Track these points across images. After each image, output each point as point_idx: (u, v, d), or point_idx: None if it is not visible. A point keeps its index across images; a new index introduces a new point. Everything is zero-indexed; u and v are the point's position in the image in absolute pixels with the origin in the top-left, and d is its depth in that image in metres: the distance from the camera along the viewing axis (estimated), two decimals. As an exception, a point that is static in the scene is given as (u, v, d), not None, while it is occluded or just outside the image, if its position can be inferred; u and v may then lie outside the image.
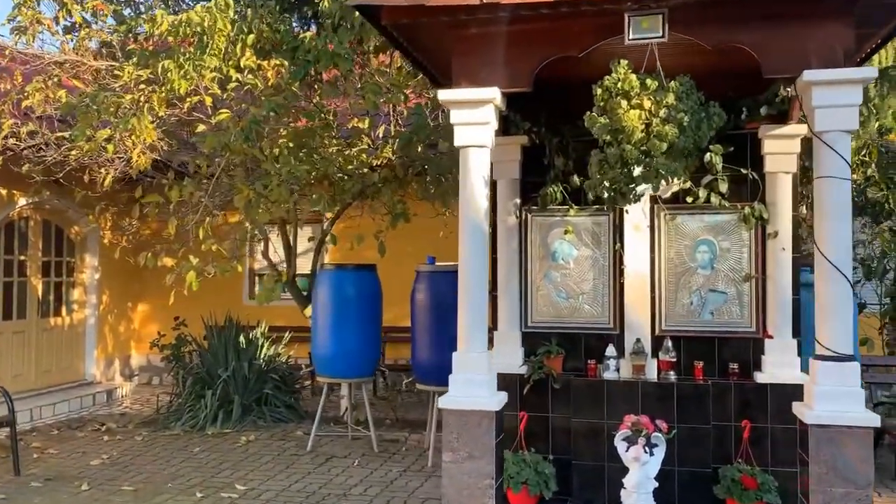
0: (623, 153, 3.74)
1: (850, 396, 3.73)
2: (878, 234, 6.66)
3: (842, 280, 3.78)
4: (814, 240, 3.91)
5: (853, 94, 3.72)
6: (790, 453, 5.12)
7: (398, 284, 7.77)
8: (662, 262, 5.46)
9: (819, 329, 3.88)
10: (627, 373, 5.33)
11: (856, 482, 3.69)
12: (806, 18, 3.76)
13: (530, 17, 3.96)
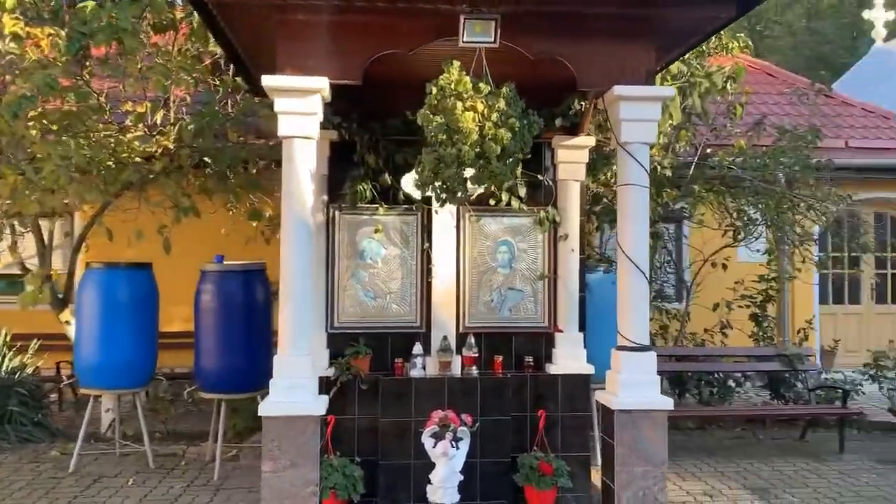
0: (460, 154, 3.80)
1: (649, 383, 4.15)
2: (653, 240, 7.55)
3: (640, 276, 4.19)
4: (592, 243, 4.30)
5: (653, 110, 4.16)
6: (579, 439, 5.59)
7: (181, 285, 7.18)
8: (467, 261, 5.66)
9: (621, 322, 4.26)
10: (434, 370, 5.43)
11: (653, 461, 4.10)
12: (616, 38, 4.12)
13: (365, 8, 3.89)
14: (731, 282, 8.79)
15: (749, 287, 8.87)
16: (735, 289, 8.82)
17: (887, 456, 7.12)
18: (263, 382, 6.92)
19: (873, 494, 5.94)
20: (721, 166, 7.80)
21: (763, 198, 7.98)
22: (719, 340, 8.65)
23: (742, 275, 8.91)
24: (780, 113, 10.78)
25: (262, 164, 6.95)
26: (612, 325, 4.72)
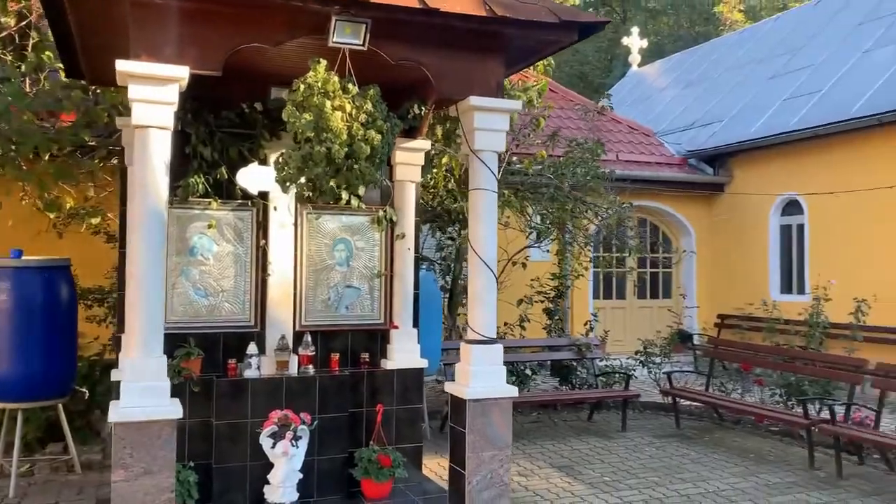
0: (329, 153, 3.82)
1: (497, 373, 4.47)
2: (463, 237, 7.94)
3: (489, 274, 4.50)
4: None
5: (504, 121, 4.48)
6: (412, 430, 5.81)
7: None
8: (304, 259, 5.62)
9: (471, 317, 4.54)
10: (271, 370, 5.34)
11: (500, 445, 4.43)
12: (472, 52, 4.38)
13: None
14: (528, 279, 9.54)
15: (544, 284, 9.69)
16: (532, 285, 9.59)
17: (661, 431, 8.19)
18: (66, 389, 6.40)
19: (657, 465, 6.82)
20: (524, 173, 8.44)
21: (557, 203, 8.77)
22: (518, 333, 9.35)
23: (538, 273, 9.71)
24: (569, 126, 11.83)
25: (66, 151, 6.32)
26: (431, 319, 5.03)
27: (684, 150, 13.85)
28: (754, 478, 6.42)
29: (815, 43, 14.34)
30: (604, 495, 5.93)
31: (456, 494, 4.47)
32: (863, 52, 12.48)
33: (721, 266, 13.23)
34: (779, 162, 12.24)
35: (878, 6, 13.82)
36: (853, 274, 10.27)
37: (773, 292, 12.26)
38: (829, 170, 11.20)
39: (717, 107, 14.82)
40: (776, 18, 18.28)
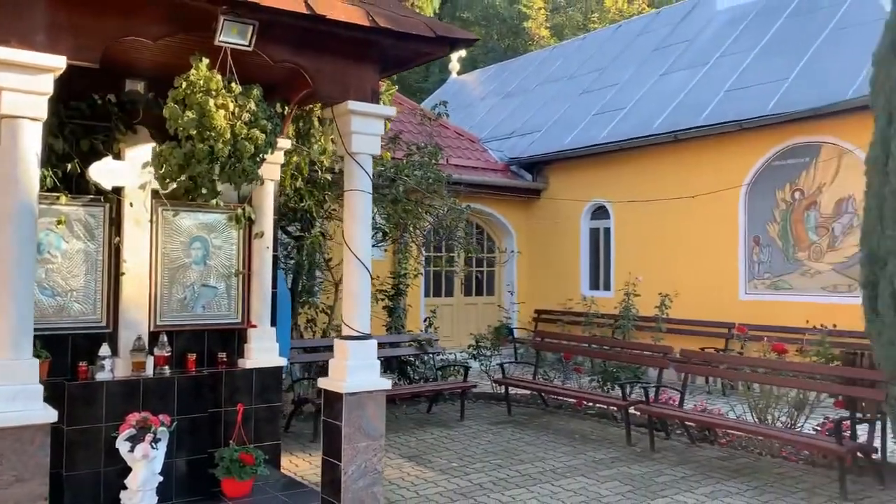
0: (213, 151, 3.83)
1: (372, 368, 4.67)
2: (312, 237, 7.96)
3: (365, 272, 4.69)
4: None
5: (379, 126, 4.70)
6: (271, 428, 5.85)
7: None
8: (160, 257, 5.47)
9: (346, 314, 4.71)
10: (126, 371, 5.16)
11: (374, 436, 4.64)
12: (350, 59, 4.55)
13: (114, -11, 3.67)
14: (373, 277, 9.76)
15: (384, 282, 9.96)
16: (373, 284, 9.81)
17: (496, 419, 8.77)
18: None
19: (497, 449, 7.35)
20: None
21: (400, 204, 9.08)
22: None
23: (377, 272, 9.95)
24: (410, 130, 12.17)
25: None
26: (282, 319, 5.09)
27: (506, 157, 14.76)
28: (582, 455, 7.13)
29: (619, 64, 15.87)
30: (455, 479, 6.32)
31: (331, 485, 4.61)
32: (659, 74, 14.04)
33: (539, 265, 14.25)
34: (589, 170, 13.44)
35: (669, 36, 15.59)
36: (657, 272, 11.56)
37: (584, 289, 13.45)
38: (633, 179, 12.51)
39: (534, 118, 15.91)
40: (583, 38, 19.92)
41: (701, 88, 12.40)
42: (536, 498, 5.84)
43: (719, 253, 11.14)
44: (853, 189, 9.73)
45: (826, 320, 9.06)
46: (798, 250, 10.38)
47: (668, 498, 5.85)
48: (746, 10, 14.06)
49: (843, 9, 11.78)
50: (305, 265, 8.41)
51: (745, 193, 10.92)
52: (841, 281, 9.86)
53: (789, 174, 10.49)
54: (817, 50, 11.16)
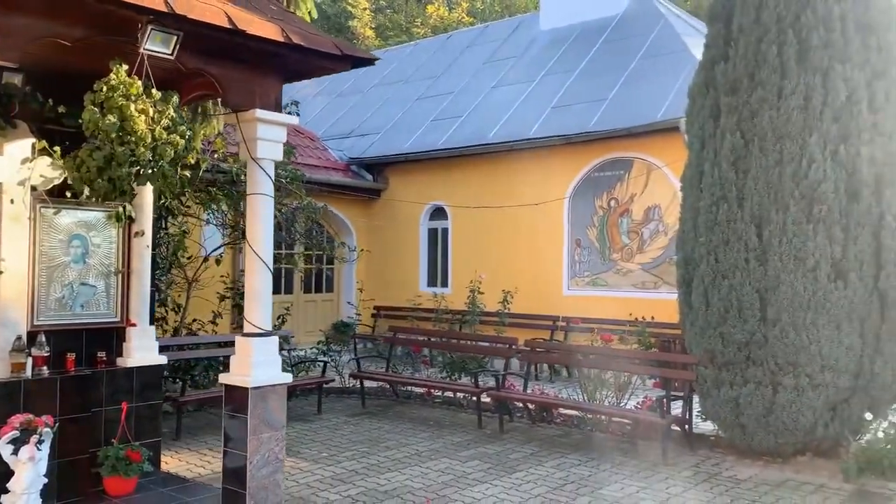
0: (134, 154, 3.95)
1: (274, 363, 4.94)
2: (179, 234, 7.84)
3: (266, 271, 4.95)
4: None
5: (282, 133, 4.97)
6: (152, 426, 5.89)
7: None
8: (38, 255, 5.34)
9: (248, 311, 4.94)
10: (5, 373, 5.02)
11: (276, 427, 4.91)
12: (258, 70, 4.80)
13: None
14: (220, 275, 9.76)
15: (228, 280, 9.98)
16: (224, 281, 9.82)
17: (351, 411, 9.17)
18: None
19: (362, 438, 7.77)
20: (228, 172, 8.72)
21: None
22: (211, 329, 9.51)
23: (227, 269, 9.97)
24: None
25: None
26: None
27: (346, 156, 15.11)
28: (441, 440, 7.75)
29: (452, 73, 16.77)
30: (329, 468, 6.67)
31: (234, 475, 4.82)
32: (491, 87, 15.09)
33: (378, 263, 14.75)
34: (429, 173, 14.16)
35: (498, 50, 16.76)
36: (495, 271, 12.47)
37: (423, 286, 14.17)
38: (470, 183, 13.39)
39: (372, 119, 16.38)
40: (415, 45, 20.69)
41: (530, 103, 13.55)
42: (409, 479, 6.35)
43: (547, 253, 12.29)
44: (659, 199, 11.21)
45: (635, 313, 10.42)
46: (613, 251, 11.76)
47: (524, 471, 6.62)
48: (567, 33, 15.50)
49: (649, 39, 13.43)
50: (167, 263, 8.30)
51: (569, 200, 12.15)
52: (648, 279, 11.33)
53: (606, 184, 11.85)
54: (630, 75, 12.66)
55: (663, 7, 14.92)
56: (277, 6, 5.02)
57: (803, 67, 6.48)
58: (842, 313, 6.28)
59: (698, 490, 6.06)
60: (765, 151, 6.51)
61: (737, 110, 6.71)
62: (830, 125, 6.38)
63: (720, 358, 6.79)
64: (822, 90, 6.43)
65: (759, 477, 6.44)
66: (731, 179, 6.66)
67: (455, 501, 5.78)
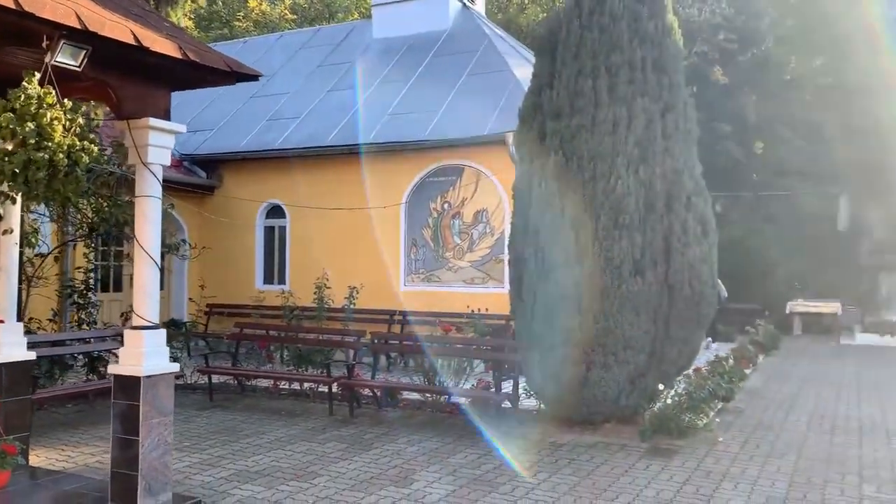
0: (52, 160, 4.24)
1: (163, 353, 5.31)
2: (31, 232, 7.63)
3: (154, 267, 5.30)
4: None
5: (171, 140, 5.34)
6: (21, 420, 5.97)
7: None
8: None
9: (137, 305, 5.27)
10: None
11: (165, 413, 5.28)
12: (152, 82, 5.15)
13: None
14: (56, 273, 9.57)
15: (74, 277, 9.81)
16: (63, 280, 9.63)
17: (200, 405, 9.42)
18: None
19: (219, 428, 8.13)
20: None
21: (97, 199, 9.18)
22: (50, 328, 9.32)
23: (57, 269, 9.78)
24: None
25: None
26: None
27: (178, 152, 14.95)
28: (297, 426, 8.30)
29: (286, 72, 17.08)
30: (195, 454, 7.02)
31: (125, 460, 5.13)
32: (327, 90, 15.63)
33: (212, 261, 14.75)
34: (266, 172, 14.45)
35: (331, 55, 17.31)
36: (340, 269, 13.03)
37: (259, 283, 14.44)
38: (309, 184, 13.87)
39: (204, 115, 16.28)
40: (245, 42, 20.65)
41: (367, 109, 14.28)
42: (275, 461, 6.88)
43: (387, 252, 13.11)
44: (487, 204, 12.43)
45: (465, 307, 11.53)
46: (446, 250, 12.81)
47: (379, 448, 7.37)
48: (399, 43, 16.40)
49: (475, 57, 14.67)
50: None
51: (406, 203, 13.05)
52: (477, 275, 12.50)
53: (440, 189, 12.88)
54: (459, 89, 13.80)
55: (487, 28, 16.27)
56: (169, 23, 5.38)
57: (613, 99, 7.79)
58: (640, 303, 7.65)
59: (527, 455, 7.14)
60: (581, 169, 7.74)
61: (559, 133, 7.90)
62: (633, 148, 7.74)
63: (544, 342, 7.95)
64: (627, 119, 7.78)
65: (575, 441, 7.67)
66: (554, 191, 7.83)
67: (322, 475, 6.42)
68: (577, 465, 6.81)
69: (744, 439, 7.85)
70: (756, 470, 6.70)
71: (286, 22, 34.20)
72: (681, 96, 8.17)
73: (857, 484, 6.35)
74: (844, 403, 10.09)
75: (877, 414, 9.36)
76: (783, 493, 6.05)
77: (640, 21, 8.02)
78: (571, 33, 8.02)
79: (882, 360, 14.76)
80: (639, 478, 6.42)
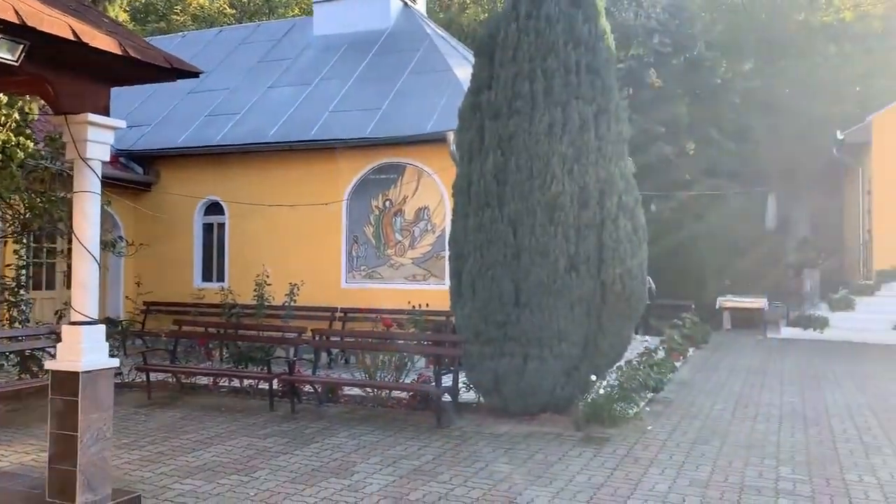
0: (-12, 153, 4.23)
1: (102, 349, 5.31)
2: None
3: (93, 263, 5.30)
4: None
5: (110, 136, 5.34)
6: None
7: None
8: None
9: (76, 301, 5.25)
10: None
11: (105, 407, 5.28)
12: (92, 77, 5.14)
13: None
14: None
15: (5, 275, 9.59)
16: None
17: (138, 403, 9.34)
18: None
19: (159, 425, 8.09)
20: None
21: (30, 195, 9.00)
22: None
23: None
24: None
25: None
26: None
27: (114, 148, 14.61)
28: (237, 422, 8.32)
29: (225, 68, 16.90)
30: (135, 451, 7.00)
31: (64, 455, 5.12)
32: (267, 87, 15.55)
33: (149, 258, 14.53)
34: (204, 169, 14.31)
35: (272, 51, 17.22)
36: (281, 266, 12.98)
37: (197, 281, 14.29)
38: (249, 180, 13.80)
39: (140, 110, 15.99)
40: (184, 36, 20.34)
41: (308, 106, 14.28)
42: (216, 455, 6.91)
43: (329, 249, 13.15)
44: (428, 202, 12.60)
45: (406, 303, 11.68)
46: (387, 248, 12.93)
47: (320, 442, 7.47)
48: (340, 41, 16.43)
49: (416, 57, 14.82)
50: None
51: (348, 200, 13.12)
52: (419, 272, 12.67)
53: (382, 186, 12.99)
54: (401, 88, 13.92)
55: (429, 28, 16.44)
56: (109, 18, 5.37)
57: (549, 101, 8.06)
58: (574, 297, 7.94)
59: (466, 445, 7.35)
60: (519, 168, 7.99)
61: (498, 132, 8.13)
62: (568, 148, 8.02)
63: (483, 336, 8.17)
64: (562, 120, 8.06)
65: (512, 431, 7.91)
66: (493, 190, 8.06)
67: (263, 469, 6.49)
68: (514, 453, 7.04)
69: (672, 427, 8.22)
70: (682, 456, 7.05)
71: (225, 17, 33.70)
72: (613, 99, 8.50)
73: (774, 466, 6.75)
74: (768, 392, 10.61)
75: (797, 402, 9.88)
76: (706, 477, 6.40)
77: (575, 25, 8.31)
78: (509, 36, 8.26)
79: (804, 351, 15.50)
80: (572, 464, 6.69)
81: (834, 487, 6.16)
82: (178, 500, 5.66)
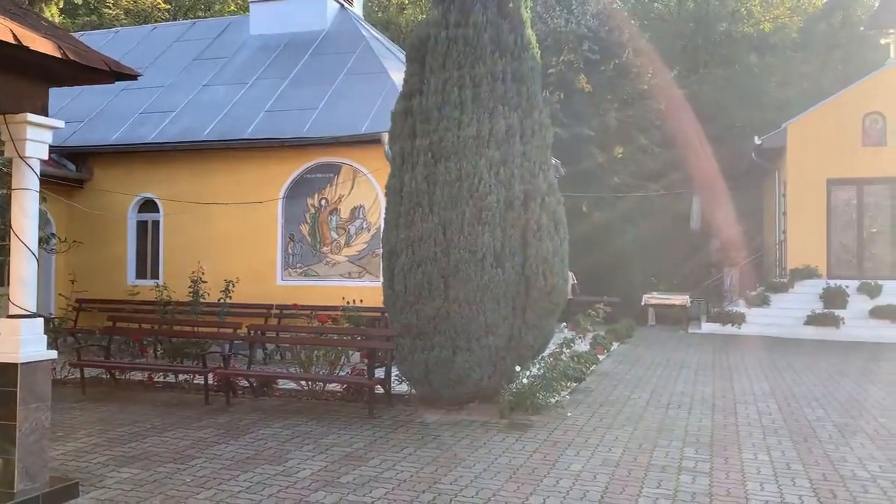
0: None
1: (40, 341, 5.48)
2: None
3: (32, 258, 5.47)
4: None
5: (49, 135, 5.52)
6: None
7: None
8: None
9: (14, 295, 5.42)
10: None
11: (43, 398, 5.46)
12: (31, 78, 5.32)
13: None
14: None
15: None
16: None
17: (74, 399, 9.39)
18: None
19: (93, 419, 8.21)
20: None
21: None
22: None
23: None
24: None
25: None
26: None
27: (44, 144, 14.47)
28: (172, 416, 8.49)
29: (160, 65, 16.84)
30: (70, 444, 7.12)
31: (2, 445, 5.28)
32: (203, 85, 15.59)
33: (83, 255, 14.41)
34: (138, 166, 14.28)
35: (207, 49, 17.23)
36: (217, 263, 13.07)
37: (131, 278, 14.26)
38: (184, 178, 13.85)
39: (72, 106, 15.78)
40: (117, 32, 20.09)
41: (244, 105, 14.41)
42: (152, 446, 7.11)
43: (264, 247, 13.33)
44: (364, 201, 12.91)
45: (342, 300, 11.98)
46: (323, 245, 13.19)
47: (255, 432, 7.73)
48: (276, 41, 16.58)
49: (352, 59, 15.10)
50: None
51: (284, 198, 13.32)
52: (354, 269, 12.97)
53: (318, 185, 13.24)
54: (337, 88, 14.19)
55: (365, 30, 16.73)
56: (48, 21, 5.54)
57: (476, 106, 8.50)
58: (500, 292, 8.39)
59: (396, 433, 7.72)
60: (448, 169, 8.40)
61: (429, 135, 8.52)
62: (495, 152, 8.47)
63: (414, 330, 8.55)
64: (489, 125, 8.51)
65: (441, 420, 8.32)
66: (424, 190, 8.45)
67: (199, 458, 6.73)
68: (441, 440, 7.45)
69: (590, 414, 8.77)
70: (597, 439, 7.58)
71: (159, 12, 33.19)
72: (537, 105, 8.99)
73: (680, 448, 7.33)
74: (683, 382, 11.31)
75: (708, 391, 10.59)
76: (617, 457, 6.93)
77: (502, 35, 8.77)
78: (439, 43, 8.66)
79: (721, 345, 16.41)
80: (495, 449, 7.13)
81: (731, 464, 6.76)
82: (116, 487, 5.87)
